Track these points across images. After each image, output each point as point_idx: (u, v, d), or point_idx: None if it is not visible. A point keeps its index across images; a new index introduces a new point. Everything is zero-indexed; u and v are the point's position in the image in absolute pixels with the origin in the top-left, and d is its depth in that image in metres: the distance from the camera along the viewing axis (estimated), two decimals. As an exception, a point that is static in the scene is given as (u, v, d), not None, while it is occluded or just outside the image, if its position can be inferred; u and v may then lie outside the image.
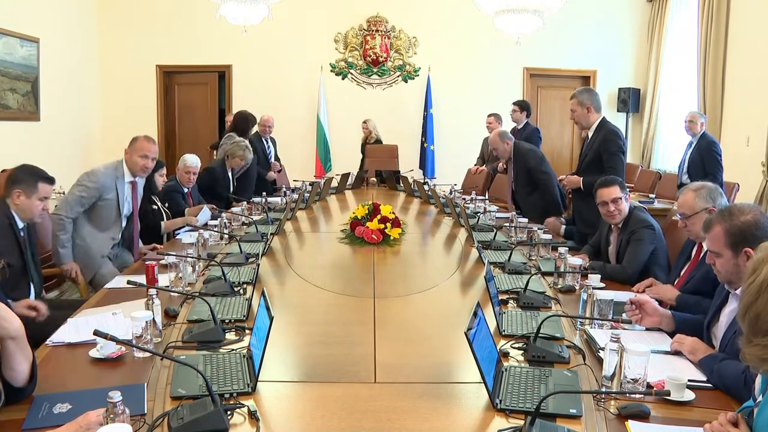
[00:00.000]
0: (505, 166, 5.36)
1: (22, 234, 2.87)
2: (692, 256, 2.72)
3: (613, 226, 3.28)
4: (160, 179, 4.25)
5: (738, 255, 1.96)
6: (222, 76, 8.49)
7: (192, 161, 4.60)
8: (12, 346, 1.56)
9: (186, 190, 4.58)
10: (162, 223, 4.14)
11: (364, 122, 7.70)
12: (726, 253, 1.99)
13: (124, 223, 3.63)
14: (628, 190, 3.32)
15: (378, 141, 7.58)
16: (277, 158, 6.62)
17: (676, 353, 2.03)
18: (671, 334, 2.16)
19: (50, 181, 2.90)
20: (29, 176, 2.84)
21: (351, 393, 1.75)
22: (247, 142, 5.28)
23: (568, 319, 2.31)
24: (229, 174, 5.17)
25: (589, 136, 3.96)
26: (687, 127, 5.80)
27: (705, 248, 2.58)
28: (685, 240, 2.85)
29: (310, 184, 6.16)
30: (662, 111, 8.19)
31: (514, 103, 6.38)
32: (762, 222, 1.98)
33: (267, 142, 6.30)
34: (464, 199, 5.41)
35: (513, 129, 6.18)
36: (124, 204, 3.56)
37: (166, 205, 4.29)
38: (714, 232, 2.01)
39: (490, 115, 6.73)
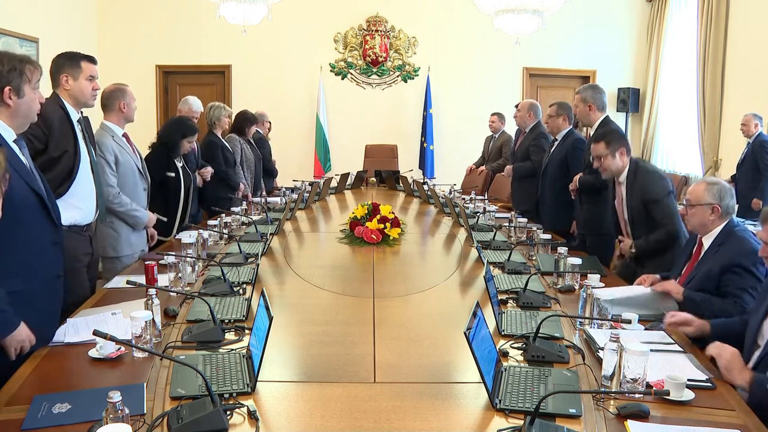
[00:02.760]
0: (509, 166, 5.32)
1: (78, 126, 2.75)
2: (693, 253, 2.72)
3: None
4: (187, 146, 4.02)
5: None
6: (222, 76, 8.50)
7: (197, 105, 4.50)
8: None
9: None
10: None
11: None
12: None
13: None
14: (626, 147, 3.22)
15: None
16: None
17: (676, 352, 2.04)
18: (708, 340, 2.10)
19: (92, 59, 2.80)
20: (68, 59, 2.74)
21: (350, 393, 1.75)
22: (219, 103, 5.24)
23: (567, 319, 2.32)
24: (223, 140, 5.14)
25: (591, 135, 3.92)
26: (741, 129, 5.90)
27: (705, 246, 2.59)
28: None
29: (309, 184, 6.16)
30: (662, 111, 8.19)
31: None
32: None
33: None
34: (464, 199, 5.41)
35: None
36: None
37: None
38: None
39: (493, 114, 6.73)
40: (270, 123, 6.75)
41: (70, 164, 2.69)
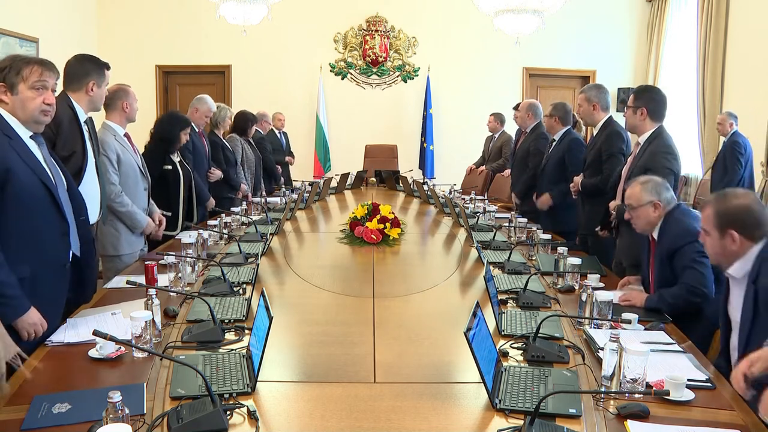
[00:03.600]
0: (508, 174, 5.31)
1: (86, 128, 2.79)
2: (650, 252, 2.77)
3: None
4: (184, 138, 4.01)
5: (723, 236, 2.06)
6: (222, 76, 8.50)
7: (213, 104, 4.60)
8: None
9: (198, 129, 4.57)
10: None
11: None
12: (713, 233, 2.09)
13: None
14: (648, 110, 3.22)
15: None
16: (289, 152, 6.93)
17: (676, 352, 2.04)
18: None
19: (109, 67, 2.87)
20: (96, 66, 2.79)
21: (350, 393, 1.75)
22: (223, 104, 5.28)
23: (567, 319, 2.31)
24: (224, 140, 5.17)
25: (594, 135, 3.94)
26: (717, 129, 5.96)
27: (656, 240, 2.67)
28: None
29: (309, 184, 6.16)
30: (662, 111, 8.18)
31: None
32: (754, 208, 2.07)
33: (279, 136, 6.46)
34: (464, 199, 5.41)
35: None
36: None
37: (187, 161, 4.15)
38: (706, 212, 2.12)
39: (490, 115, 6.74)
40: (269, 122, 6.75)
41: (79, 164, 2.74)
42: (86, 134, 2.80)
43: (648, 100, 3.26)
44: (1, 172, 1.95)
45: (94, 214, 2.83)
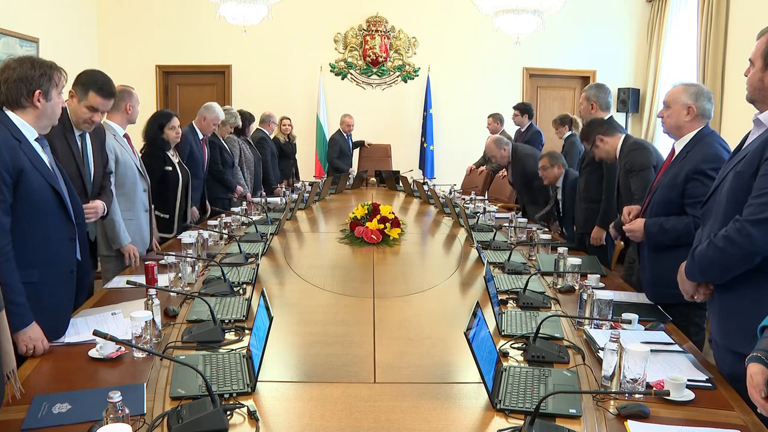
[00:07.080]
0: (505, 174, 5.34)
1: (78, 143, 2.78)
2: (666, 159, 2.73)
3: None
4: (172, 133, 3.92)
5: (766, 68, 1.94)
6: (222, 76, 8.50)
7: (222, 113, 4.66)
8: None
9: (201, 137, 4.59)
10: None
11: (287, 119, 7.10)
12: (757, 63, 1.96)
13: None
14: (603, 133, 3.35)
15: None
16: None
17: (677, 352, 2.04)
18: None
19: (104, 94, 2.73)
20: (85, 81, 2.76)
21: (350, 393, 1.75)
22: (232, 109, 5.29)
23: (567, 319, 2.31)
24: (222, 141, 5.16)
25: None
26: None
27: (677, 152, 2.57)
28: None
29: (309, 185, 6.17)
30: (662, 111, 8.19)
31: (514, 107, 6.38)
32: None
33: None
34: (464, 199, 5.42)
35: (517, 132, 6.18)
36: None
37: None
38: (759, 42, 2.00)
39: (489, 116, 6.75)
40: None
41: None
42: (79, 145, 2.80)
43: (598, 128, 3.40)
44: (15, 172, 1.95)
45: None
